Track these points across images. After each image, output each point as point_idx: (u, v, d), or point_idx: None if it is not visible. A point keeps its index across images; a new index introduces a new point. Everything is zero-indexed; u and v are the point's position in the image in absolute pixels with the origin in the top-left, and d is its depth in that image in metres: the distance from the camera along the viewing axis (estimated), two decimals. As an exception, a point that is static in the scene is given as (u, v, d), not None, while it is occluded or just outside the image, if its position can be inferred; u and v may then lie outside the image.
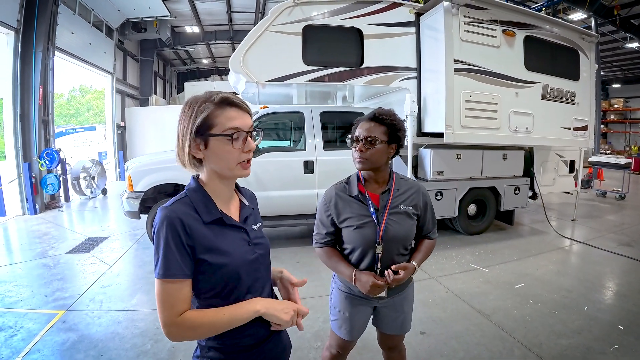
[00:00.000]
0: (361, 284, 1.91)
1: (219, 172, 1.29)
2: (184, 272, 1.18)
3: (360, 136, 1.91)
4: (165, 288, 1.17)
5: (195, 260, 1.21)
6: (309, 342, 3.38)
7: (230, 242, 1.29)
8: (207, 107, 1.22)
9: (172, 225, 1.17)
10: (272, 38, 5.28)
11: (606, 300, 4.30)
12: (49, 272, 5.08)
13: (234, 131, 1.23)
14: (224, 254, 1.25)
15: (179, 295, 1.17)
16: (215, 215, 1.27)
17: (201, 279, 1.23)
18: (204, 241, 1.22)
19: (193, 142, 1.23)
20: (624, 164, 11.05)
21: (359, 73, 5.61)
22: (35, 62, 8.90)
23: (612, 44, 17.98)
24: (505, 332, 3.54)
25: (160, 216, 1.20)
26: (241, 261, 1.30)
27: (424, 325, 3.65)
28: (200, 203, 1.26)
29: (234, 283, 1.28)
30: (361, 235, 1.94)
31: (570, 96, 6.51)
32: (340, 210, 1.99)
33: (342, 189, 2.03)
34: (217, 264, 1.23)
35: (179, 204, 1.24)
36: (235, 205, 1.40)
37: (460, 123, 5.48)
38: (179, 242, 1.17)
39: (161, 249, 1.17)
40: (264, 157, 5.75)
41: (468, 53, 5.48)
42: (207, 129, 1.22)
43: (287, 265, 5.19)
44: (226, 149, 1.23)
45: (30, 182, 8.69)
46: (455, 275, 4.98)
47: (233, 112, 1.25)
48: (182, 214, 1.20)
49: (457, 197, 6.31)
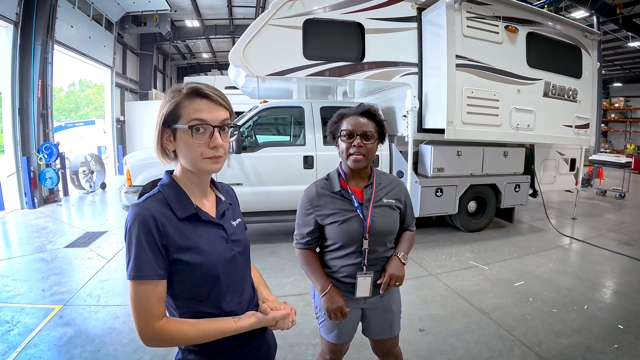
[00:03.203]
0: (330, 301, 1.89)
1: (187, 166, 1.23)
2: (157, 273, 1.13)
3: (355, 131, 1.82)
4: (138, 290, 1.12)
5: (170, 260, 1.16)
6: (307, 338, 3.36)
7: (206, 239, 1.24)
8: (175, 97, 1.18)
9: (144, 223, 1.12)
10: (273, 32, 5.22)
11: (606, 299, 4.28)
12: (46, 267, 5.05)
13: (198, 123, 1.16)
14: (199, 252, 1.20)
15: (152, 297, 1.12)
16: (189, 210, 1.22)
17: (176, 280, 1.18)
18: (179, 239, 1.17)
19: (163, 133, 1.20)
20: (624, 163, 11.03)
21: (360, 68, 5.56)
22: (34, 55, 8.82)
23: (614, 42, 17.92)
24: (505, 331, 3.52)
25: (132, 214, 1.15)
26: (218, 260, 1.25)
27: (424, 323, 3.63)
28: (174, 199, 1.22)
29: (212, 283, 1.24)
30: (347, 230, 1.88)
31: (572, 94, 6.47)
32: (322, 207, 1.92)
33: (322, 185, 1.97)
34: (192, 263, 1.18)
35: (151, 201, 1.19)
36: (211, 201, 1.35)
37: (462, 119, 5.44)
38: (152, 241, 1.12)
39: (133, 249, 1.12)
40: (263, 152, 5.73)
41: (470, 49, 5.44)
42: (174, 120, 1.18)
43: (285, 261, 5.22)
44: (189, 142, 1.17)
45: (28, 176, 8.63)
46: (455, 272, 4.95)
47: (202, 105, 1.18)
48: (155, 211, 1.16)
49: (458, 193, 6.27)
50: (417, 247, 5.80)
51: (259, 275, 1.58)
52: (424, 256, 5.48)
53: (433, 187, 6.01)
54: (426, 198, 6.01)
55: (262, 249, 5.79)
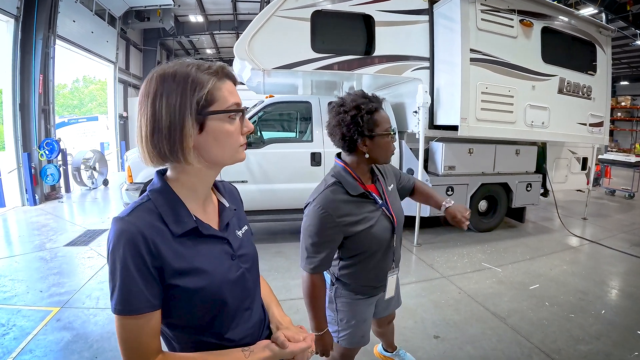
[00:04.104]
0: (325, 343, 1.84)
1: (214, 161, 1.02)
2: (150, 304, 0.92)
3: (391, 126, 1.77)
4: (128, 325, 0.91)
5: (165, 284, 0.95)
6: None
7: (208, 258, 1.03)
8: (207, 79, 0.96)
9: (131, 243, 0.90)
10: (280, 23, 5.05)
11: (622, 303, 4.10)
12: (45, 266, 4.91)
13: (237, 107, 1.01)
14: (201, 274, 0.99)
15: (145, 332, 0.93)
16: (187, 224, 1.00)
17: (174, 307, 0.98)
18: (175, 261, 0.95)
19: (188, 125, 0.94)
20: (634, 163, 10.87)
21: (370, 62, 5.39)
22: (36, 50, 8.68)
23: (621, 40, 17.64)
24: (522, 337, 3.35)
25: (115, 231, 0.92)
26: (223, 281, 1.04)
27: (438, 329, 3.47)
28: (168, 209, 0.99)
29: (217, 309, 1.03)
30: (377, 234, 1.77)
31: (587, 91, 6.29)
32: (348, 216, 1.71)
33: (340, 192, 1.73)
34: (193, 288, 0.98)
35: (139, 213, 0.96)
36: (212, 208, 1.13)
37: (476, 116, 5.26)
38: (142, 265, 0.90)
39: (118, 276, 0.90)
40: (270, 149, 5.56)
41: (485, 43, 5.26)
42: (207, 106, 0.96)
43: (292, 262, 5.07)
44: (228, 131, 0.99)
45: (29, 172, 8.51)
46: (468, 274, 4.79)
47: (232, 86, 1.03)
48: (145, 226, 0.93)
49: (469, 192, 6.11)
50: (428, 248, 5.65)
51: (269, 290, 1.37)
52: (435, 257, 5.31)
53: (444, 186, 5.84)
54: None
55: (267, 248, 5.64)
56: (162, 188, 1.02)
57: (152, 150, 0.95)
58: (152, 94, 0.93)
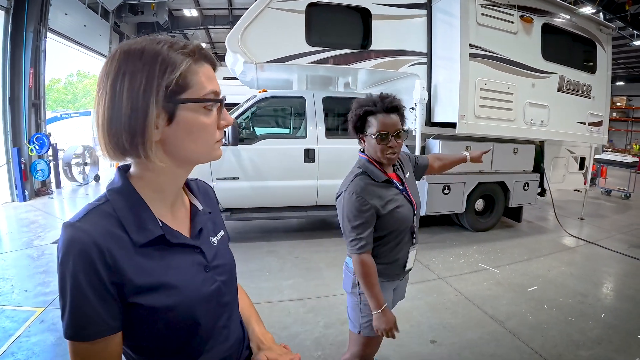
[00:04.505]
0: (387, 320, 1.89)
1: (184, 158, 0.88)
2: (108, 327, 0.78)
3: (389, 132, 1.86)
4: (82, 351, 0.78)
5: (126, 303, 0.80)
6: (309, 350, 3.09)
7: (178, 271, 0.87)
8: (181, 59, 0.80)
9: (83, 255, 0.75)
10: (274, 16, 4.89)
11: (623, 306, 3.99)
12: (32, 264, 4.76)
13: (215, 97, 0.86)
14: (169, 291, 0.84)
15: (103, 359, 0.79)
16: (152, 232, 0.84)
17: (137, 329, 0.83)
18: (137, 276, 0.80)
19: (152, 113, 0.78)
20: (630, 163, 10.85)
21: (366, 56, 5.24)
22: (26, 43, 8.47)
23: (619, 40, 17.60)
24: (521, 342, 3.25)
25: (64, 240, 0.77)
26: (196, 298, 0.89)
27: (435, 333, 3.35)
28: (129, 213, 0.83)
29: (189, 330, 0.88)
30: (403, 214, 1.94)
31: (587, 89, 6.19)
32: (378, 199, 1.89)
33: (367, 179, 1.92)
34: (160, 307, 0.82)
35: (94, 217, 0.81)
36: (183, 212, 0.98)
37: (475, 113, 5.13)
38: (97, 281, 0.76)
39: (69, 295, 0.76)
40: (262, 145, 5.40)
41: (484, 38, 5.12)
42: (180, 92, 0.80)
43: (285, 261, 4.94)
44: (203, 123, 0.84)
45: (19, 167, 8.31)
46: (465, 275, 4.68)
47: (210, 71, 0.87)
48: (100, 234, 0.78)
49: (465, 191, 6.01)
50: (423, 247, 5.52)
51: (249, 303, 1.22)
52: (431, 257, 5.19)
53: (440, 185, 5.72)
54: (433, 195, 5.73)
55: (259, 247, 5.52)
56: (122, 188, 0.86)
57: (110, 142, 0.80)
58: (114, 73, 0.78)
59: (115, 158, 0.83)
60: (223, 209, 5.48)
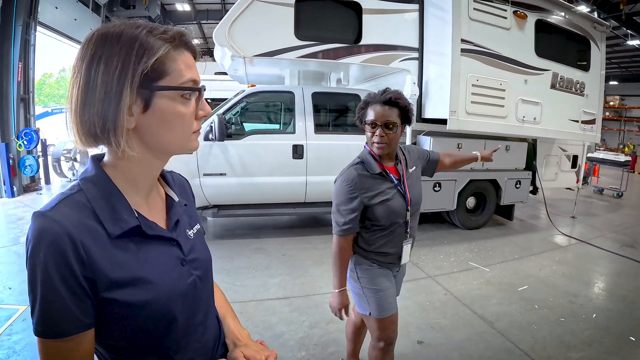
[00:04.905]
0: (341, 301, 2.07)
1: (159, 148, 0.84)
2: (80, 324, 0.74)
3: (377, 121, 1.93)
4: (52, 349, 0.74)
5: (99, 299, 0.76)
6: (292, 351, 3.00)
7: (154, 264, 0.84)
8: (159, 44, 0.77)
9: (55, 247, 0.70)
10: (262, 9, 4.77)
11: (614, 307, 3.93)
12: (17, 261, 4.64)
13: (193, 85, 0.82)
14: (145, 285, 0.80)
15: (74, 357, 0.75)
16: (128, 222, 0.80)
17: (111, 325, 0.79)
18: (112, 269, 0.76)
19: (128, 99, 0.75)
20: (623, 162, 10.84)
21: (356, 51, 5.13)
22: (15, 37, 8.24)
23: (613, 40, 17.63)
24: (511, 343, 3.17)
25: (34, 230, 0.72)
26: (172, 292, 0.85)
27: (422, 334, 3.26)
28: (103, 203, 0.79)
29: (164, 327, 0.85)
30: (393, 208, 2.00)
31: (580, 87, 6.12)
32: (367, 190, 1.98)
33: (361, 169, 2.00)
34: (135, 303, 0.78)
35: (67, 207, 0.76)
36: (159, 203, 0.95)
37: (466, 109, 5.03)
38: (69, 276, 0.71)
39: (39, 289, 0.71)
40: (249, 140, 5.29)
41: (476, 33, 5.02)
42: (156, 79, 0.77)
43: (272, 259, 4.87)
44: (179, 112, 0.81)
45: (7, 163, 8.14)
46: (454, 274, 4.60)
47: (190, 58, 0.83)
48: (73, 225, 0.73)
49: (457, 189, 5.95)
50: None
51: (224, 299, 1.18)
52: (421, 255, 5.11)
53: (431, 182, 5.63)
54: (423, 193, 5.59)
55: (248, 244, 5.43)
56: (96, 176, 0.82)
57: (82, 128, 0.77)
58: (89, 57, 0.75)
59: (87, 145, 0.79)
60: (210, 206, 5.39)
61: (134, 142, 0.79)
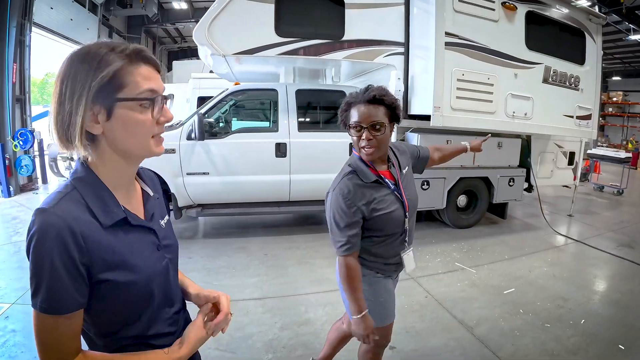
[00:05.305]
0: (365, 326, 1.87)
1: (125, 152, 0.97)
2: (77, 302, 0.89)
3: (362, 123, 1.78)
4: (50, 324, 0.87)
5: (93, 281, 0.91)
6: (259, 353, 2.90)
7: (138, 249, 1.01)
8: (115, 60, 0.90)
9: (59, 238, 0.84)
10: (241, 6, 4.65)
11: (606, 312, 3.76)
12: (8, 260, 4.69)
13: (151, 95, 0.94)
14: (131, 267, 0.97)
15: (68, 332, 0.89)
16: (117, 214, 0.97)
17: (100, 304, 0.94)
18: (105, 255, 0.92)
19: (89, 110, 0.89)
20: (624, 158, 10.61)
21: (339, 47, 4.98)
22: (9, 38, 8.25)
23: (615, 35, 17.35)
24: (489, 350, 3.04)
25: (39, 224, 0.86)
26: (152, 273, 1.03)
27: (396, 338, 3.09)
28: (95, 199, 0.94)
29: (145, 304, 1.02)
30: (392, 217, 1.89)
31: (574, 81, 5.93)
32: (365, 199, 1.84)
33: (355, 179, 1.85)
34: (123, 282, 0.95)
35: (65, 203, 0.90)
36: (137, 198, 1.10)
37: (450, 104, 4.87)
38: (70, 263, 0.86)
39: (45, 274, 0.84)
40: (232, 139, 5.24)
41: (462, 26, 4.86)
42: (115, 91, 0.90)
43: (252, 259, 4.83)
44: (138, 120, 0.94)
45: (3, 163, 8.16)
46: (438, 275, 4.47)
47: (148, 71, 0.96)
48: (73, 219, 0.88)
49: (446, 187, 5.80)
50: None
51: (182, 274, 1.33)
52: (406, 256, 4.96)
53: (419, 179, 5.48)
54: (413, 191, 5.49)
55: (232, 243, 5.36)
56: (87, 176, 0.96)
57: (56, 134, 0.92)
58: (62, 74, 0.90)
59: (65, 148, 0.92)
60: (194, 205, 5.33)
61: (105, 147, 0.94)
